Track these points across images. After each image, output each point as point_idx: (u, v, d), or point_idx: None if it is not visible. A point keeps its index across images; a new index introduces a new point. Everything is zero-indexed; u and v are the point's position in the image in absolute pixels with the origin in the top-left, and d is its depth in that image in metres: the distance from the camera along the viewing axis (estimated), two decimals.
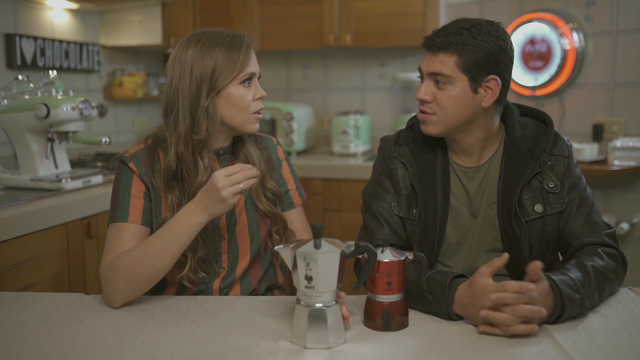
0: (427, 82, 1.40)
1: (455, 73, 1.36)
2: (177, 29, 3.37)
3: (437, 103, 1.39)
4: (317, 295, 1.12)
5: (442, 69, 1.36)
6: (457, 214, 1.46)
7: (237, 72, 1.40)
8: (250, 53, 1.45)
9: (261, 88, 1.46)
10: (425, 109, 1.41)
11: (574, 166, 1.45)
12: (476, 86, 1.37)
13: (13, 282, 1.90)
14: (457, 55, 1.35)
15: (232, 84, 1.41)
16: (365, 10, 3.31)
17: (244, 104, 1.42)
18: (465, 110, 1.39)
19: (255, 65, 1.46)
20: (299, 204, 1.62)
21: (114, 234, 1.40)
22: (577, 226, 1.40)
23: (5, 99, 2.31)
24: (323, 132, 3.78)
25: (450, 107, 1.38)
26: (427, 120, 1.41)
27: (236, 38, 1.44)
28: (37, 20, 2.87)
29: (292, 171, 1.63)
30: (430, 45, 1.38)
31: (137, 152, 1.47)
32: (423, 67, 1.41)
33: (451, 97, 1.37)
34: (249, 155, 1.51)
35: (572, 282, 1.22)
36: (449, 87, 1.37)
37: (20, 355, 1.10)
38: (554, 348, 1.10)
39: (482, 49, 1.35)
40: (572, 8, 2.97)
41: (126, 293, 1.32)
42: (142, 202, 1.43)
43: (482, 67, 1.36)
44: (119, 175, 1.45)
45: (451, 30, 1.37)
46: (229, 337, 1.17)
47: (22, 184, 2.29)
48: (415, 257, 1.22)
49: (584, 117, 2.98)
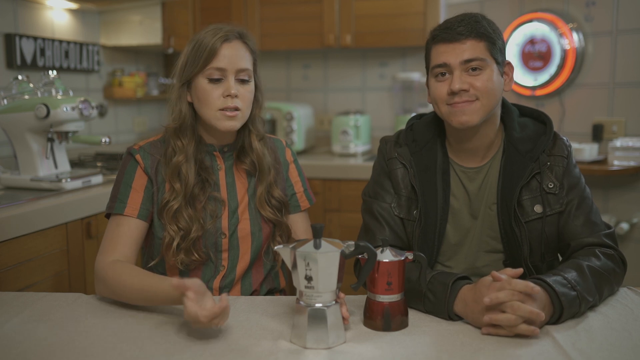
0: (459, 72, 1.37)
1: (488, 57, 1.38)
2: (177, 29, 3.37)
3: (476, 88, 1.37)
4: (317, 295, 1.12)
5: (478, 54, 1.36)
6: (457, 215, 1.46)
7: (201, 66, 1.42)
8: (222, 48, 1.42)
9: (233, 85, 1.42)
10: (465, 98, 1.37)
11: (573, 166, 1.45)
12: (502, 70, 1.42)
13: (13, 282, 1.90)
14: (484, 40, 1.37)
15: (198, 77, 1.43)
16: (365, 10, 3.31)
17: (206, 99, 1.42)
18: (499, 95, 1.41)
19: (230, 61, 1.42)
20: (306, 207, 1.61)
21: (112, 228, 1.43)
22: (576, 226, 1.40)
23: (5, 99, 2.31)
24: (323, 132, 3.78)
25: (491, 89, 1.38)
26: (469, 108, 1.37)
27: (215, 32, 1.43)
28: (37, 20, 2.87)
29: (300, 174, 1.62)
30: (454, 35, 1.37)
31: (147, 144, 1.50)
32: (450, 59, 1.37)
33: (490, 80, 1.38)
34: (259, 160, 1.51)
35: (566, 280, 1.22)
36: (485, 70, 1.37)
37: (21, 355, 1.10)
38: (554, 348, 1.10)
39: (498, 36, 1.41)
40: (572, 8, 2.97)
41: (106, 296, 1.37)
42: (142, 196, 1.45)
43: (502, 52, 1.41)
44: (124, 167, 1.49)
45: (466, 20, 1.38)
46: (229, 337, 1.17)
47: (22, 184, 2.29)
48: (415, 257, 1.22)
49: (584, 117, 2.98)
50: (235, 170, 1.53)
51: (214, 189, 1.49)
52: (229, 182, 1.52)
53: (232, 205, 1.50)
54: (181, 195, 1.43)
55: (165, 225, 1.43)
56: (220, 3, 3.53)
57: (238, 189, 1.52)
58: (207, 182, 1.47)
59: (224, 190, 1.51)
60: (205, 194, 1.47)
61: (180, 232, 1.42)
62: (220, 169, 1.52)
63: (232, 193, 1.51)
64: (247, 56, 1.46)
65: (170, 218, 1.43)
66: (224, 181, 1.51)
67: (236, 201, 1.51)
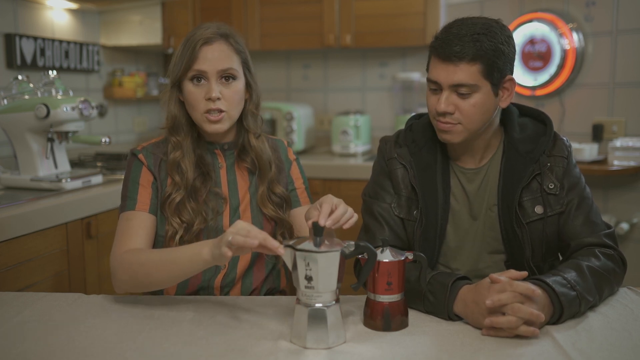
0: (448, 93, 1.35)
1: (480, 81, 1.33)
2: (177, 29, 3.38)
3: (460, 112, 1.35)
4: (317, 295, 1.12)
5: (467, 79, 1.32)
6: (457, 215, 1.46)
7: (184, 69, 1.43)
8: (201, 51, 1.42)
9: (215, 88, 1.42)
10: (449, 120, 1.36)
11: (573, 166, 1.45)
12: (497, 90, 1.37)
13: (13, 282, 1.90)
14: (479, 63, 1.32)
15: (185, 80, 1.45)
16: (365, 10, 3.31)
17: (191, 102, 1.45)
18: (488, 115, 1.38)
19: (211, 63, 1.42)
20: (307, 204, 1.62)
21: (123, 222, 1.44)
22: (576, 226, 1.40)
23: (5, 99, 2.31)
24: (323, 132, 3.78)
25: (476, 114, 1.35)
26: (451, 130, 1.37)
27: (200, 34, 1.43)
28: (37, 20, 2.87)
29: (302, 172, 1.64)
30: (448, 55, 1.32)
31: (150, 144, 1.53)
32: (441, 78, 1.34)
33: (476, 105, 1.35)
34: (258, 158, 1.52)
35: (565, 280, 1.22)
36: (474, 95, 1.34)
37: (21, 355, 1.10)
38: (554, 348, 1.10)
39: (500, 52, 1.33)
40: (572, 8, 2.97)
41: (128, 287, 1.36)
42: (150, 192, 1.47)
43: (502, 70, 1.35)
44: (129, 167, 1.50)
45: (466, 37, 1.31)
46: (229, 337, 1.17)
47: (22, 184, 2.29)
48: (415, 257, 1.22)
49: (584, 117, 2.98)
50: (237, 168, 1.55)
51: (215, 184, 1.51)
52: (230, 180, 1.53)
53: (234, 204, 1.51)
54: (182, 188, 1.45)
55: (168, 218, 1.45)
56: (220, 3, 3.53)
57: (240, 187, 1.53)
58: (207, 176, 1.49)
59: (225, 188, 1.52)
60: (206, 187, 1.49)
61: (184, 225, 1.44)
62: (222, 167, 1.53)
63: (233, 191, 1.52)
64: (232, 56, 1.46)
65: (172, 211, 1.44)
66: (225, 179, 1.52)
67: (237, 199, 1.52)
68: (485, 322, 1.15)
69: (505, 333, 1.14)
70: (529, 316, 1.13)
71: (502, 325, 1.13)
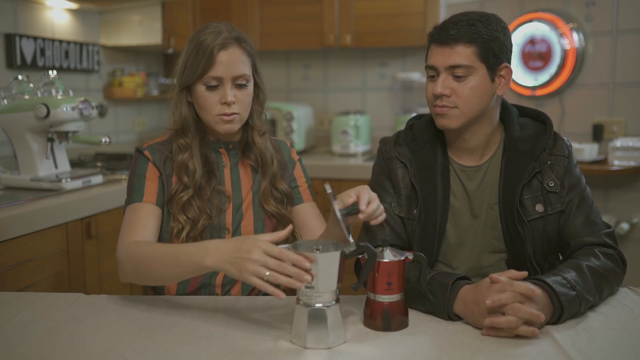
0: (445, 75, 1.38)
1: (475, 63, 1.36)
2: (177, 29, 3.38)
3: (457, 96, 1.38)
4: (317, 295, 1.12)
5: (463, 60, 1.36)
6: (457, 214, 1.46)
7: (200, 74, 1.43)
8: (218, 56, 1.42)
9: (229, 93, 1.44)
10: (445, 103, 1.39)
11: (574, 166, 1.46)
12: (493, 75, 1.39)
13: (13, 282, 1.90)
14: (474, 45, 1.36)
15: (197, 84, 1.45)
16: (365, 10, 3.31)
17: (205, 106, 1.46)
18: (485, 100, 1.39)
19: (227, 69, 1.43)
20: (309, 201, 1.63)
21: (130, 214, 1.45)
22: (576, 226, 1.40)
23: (5, 99, 2.31)
24: (323, 132, 3.78)
25: (472, 97, 1.37)
26: (447, 114, 1.39)
27: (213, 37, 1.43)
28: (37, 20, 2.87)
29: (305, 172, 1.65)
30: (445, 38, 1.37)
31: (155, 143, 1.55)
32: (438, 62, 1.39)
33: (473, 87, 1.37)
34: (261, 155, 1.54)
35: (565, 280, 1.23)
36: (470, 77, 1.37)
37: (21, 355, 1.10)
38: (554, 348, 1.10)
39: (495, 38, 1.37)
40: (572, 8, 2.97)
41: (132, 277, 1.37)
42: (157, 186, 1.48)
43: (497, 56, 1.38)
44: (135, 163, 1.52)
45: (462, 22, 1.36)
46: (229, 337, 1.17)
47: (22, 184, 2.29)
48: (415, 257, 1.22)
49: (584, 117, 2.98)
50: (241, 166, 1.56)
51: (219, 182, 1.52)
52: (234, 179, 1.54)
53: (237, 202, 1.53)
54: (191, 188, 1.47)
55: (175, 214, 1.46)
56: (220, 3, 3.53)
57: (243, 186, 1.54)
58: (212, 174, 1.51)
59: (229, 187, 1.53)
60: (211, 185, 1.50)
61: (190, 222, 1.46)
62: (226, 166, 1.55)
63: (236, 189, 1.54)
64: (245, 60, 1.48)
65: (179, 209, 1.46)
66: (229, 178, 1.54)
67: (240, 197, 1.53)
68: (485, 322, 1.15)
69: (505, 333, 1.14)
70: (529, 316, 1.13)
71: (502, 325, 1.13)
